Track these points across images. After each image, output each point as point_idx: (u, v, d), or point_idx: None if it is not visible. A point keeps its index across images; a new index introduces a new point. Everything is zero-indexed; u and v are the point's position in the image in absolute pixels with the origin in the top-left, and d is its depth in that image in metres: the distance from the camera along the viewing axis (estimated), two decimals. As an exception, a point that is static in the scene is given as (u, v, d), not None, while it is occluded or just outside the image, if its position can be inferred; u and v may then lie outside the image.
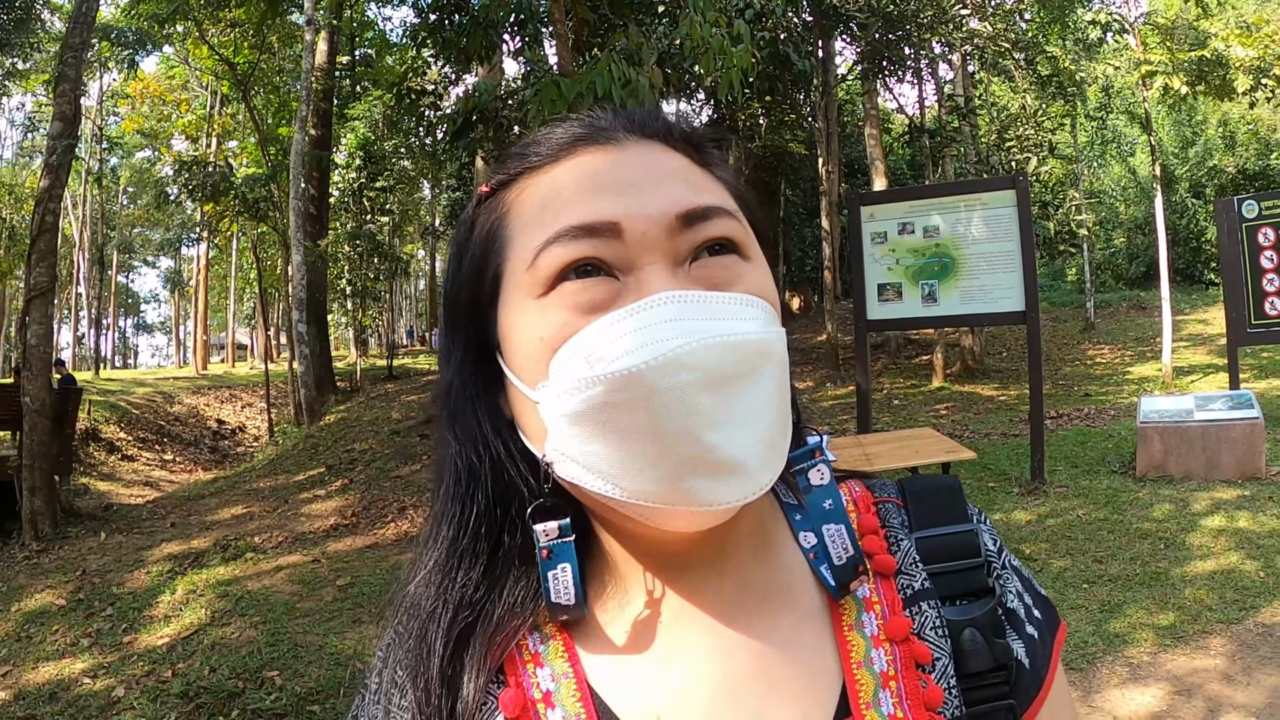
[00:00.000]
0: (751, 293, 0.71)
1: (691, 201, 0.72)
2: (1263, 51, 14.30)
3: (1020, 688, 0.77)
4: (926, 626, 0.77)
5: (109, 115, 42.81)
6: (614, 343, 0.65)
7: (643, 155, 0.75)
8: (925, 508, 0.85)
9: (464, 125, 10.64)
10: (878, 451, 6.93)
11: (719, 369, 0.64)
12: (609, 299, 0.69)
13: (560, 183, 0.74)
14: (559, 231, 0.70)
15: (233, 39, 23.17)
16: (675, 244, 0.70)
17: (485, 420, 0.78)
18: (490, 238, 0.77)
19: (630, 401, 0.64)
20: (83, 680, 5.74)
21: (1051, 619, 0.84)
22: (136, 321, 78.99)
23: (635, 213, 0.70)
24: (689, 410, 0.63)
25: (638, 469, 0.66)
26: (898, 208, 9.54)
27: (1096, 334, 24.55)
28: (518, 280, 0.72)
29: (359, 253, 22.90)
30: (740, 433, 0.65)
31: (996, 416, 15.14)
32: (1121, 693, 4.64)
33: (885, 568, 0.79)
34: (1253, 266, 10.76)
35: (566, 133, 0.78)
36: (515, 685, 0.75)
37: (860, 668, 0.74)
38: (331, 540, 9.04)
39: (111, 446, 21.78)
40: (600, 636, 0.77)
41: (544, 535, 0.74)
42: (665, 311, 0.66)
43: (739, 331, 0.66)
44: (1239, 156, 32.86)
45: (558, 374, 0.68)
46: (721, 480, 0.65)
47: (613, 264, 0.69)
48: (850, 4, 17.41)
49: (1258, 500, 7.60)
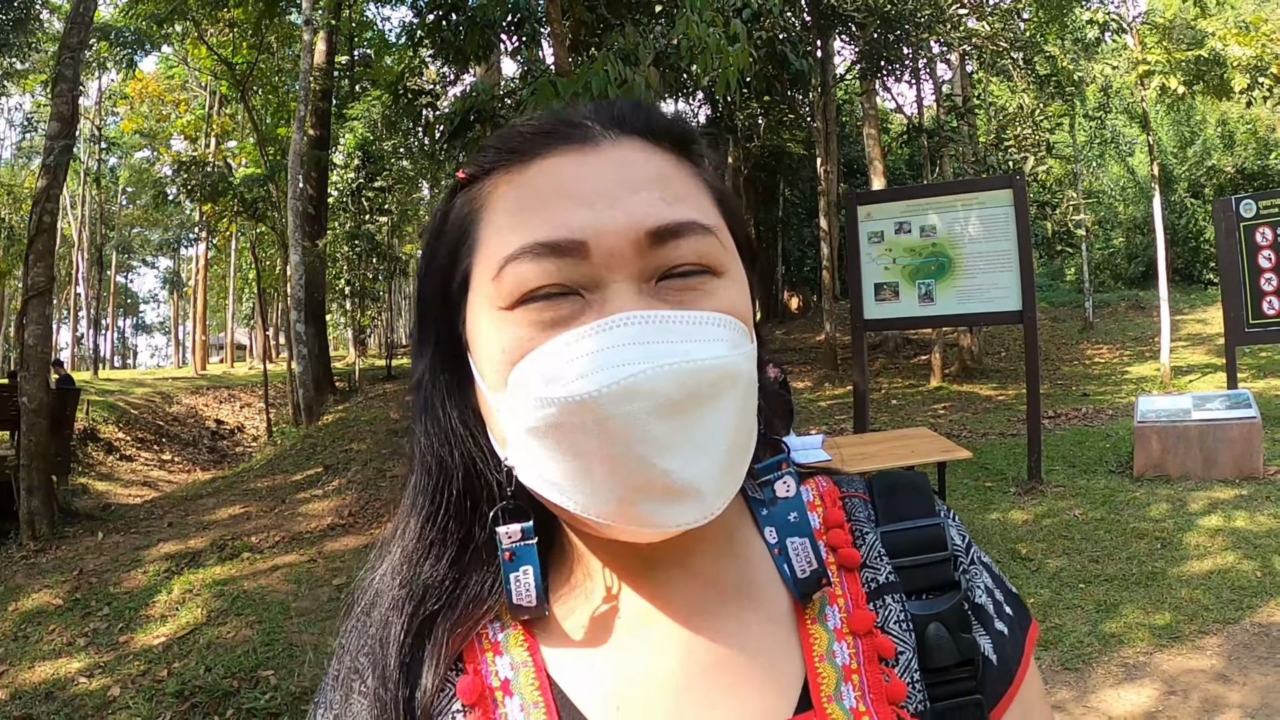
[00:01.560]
0: (721, 310, 0.70)
1: (664, 217, 0.70)
2: (1260, 50, 14.31)
3: (987, 684, 0.77)
4: (890, 620, 0.76)
5: (107, 115, 42.75)
6: (570, 363, 0.65)
7: (618, 158, 0.73)
8: (892, 502, 0.85)
9: (462, 125, 10.63)
10: (874, 451, 6.92)
11: (675, 396, 0.64)
12: (571, 316, 0.68)
13: (531, 187, 0.72)
14: (524, 247, 0.68)
15: (231, 39, 23.15)
16: (643, 261, 0.69)
17: (455, 415, 0.78)
18: (462, 234, 0.76)
19: (583, 425, 0.64)
20: (79, 680, 5.75)
21: (1023, 616, 0.84)
22: (135, 322, 78.87)
23: (603, 229, 0.68)
24: (641, 437, 0.63)
25: (590, 489, 0.66)
26: (895, 207, 9.55)
27: (1095, 334, 24.56)
28: (483, 287, 0.72)
29: (357, 253, 22.86)
30: (695, 459, 0.65)
31: (994, 416, 15.14)
32: (1117, 692, 4.64)
33: (850, 561, 0.80)
34: (1251, 266, 10.77)
35: (542, 128, 0.76)
36: (474, 673, 0.75)
37: (822, 661, 0.74)
38: (328, 540, 9.04)
39: (110, 446, 21.77)
40: (561, 630, 0.77)
41: (507, 538, 0.74)
42: (626, 334, 0.65)
43: (699, 356, 0.65)
44: (1237, 156, 32.92)
45: (515, 388, 0.68)
46: (674, 505, 0.65)
47: (577, 283, 0.68)
48: (848, 4, 17.41)
49: (1255, 500, 7.61)
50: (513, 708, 0.73)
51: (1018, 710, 0.79)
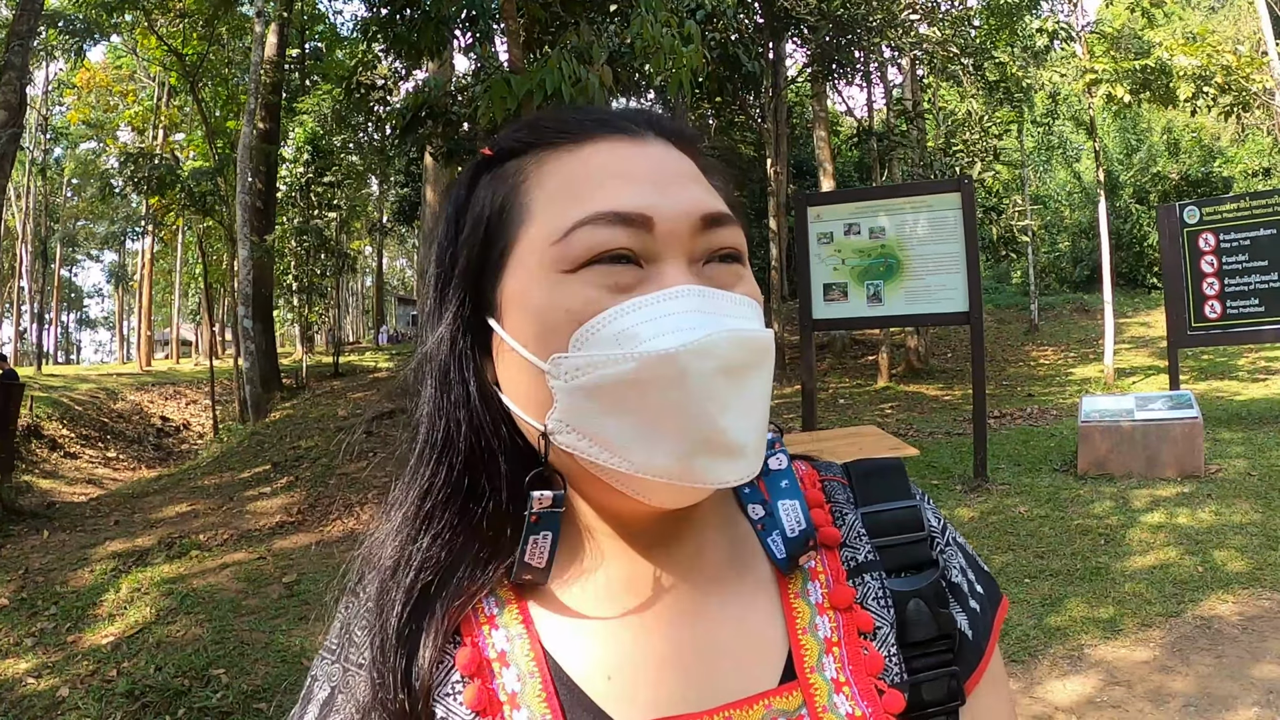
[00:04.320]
0: (749, 295, 0.77)
1: (713, 206, 0.76)
2: (1206, 61, 14.55)
3: (963, 657, 0.82)
4: (869, 597, 0.81)
5: (54, 105, 42.12)
6: (648, 324, 0.69)
7: (663, 153, 0.78)
8: (870, 485, 0.89)
9: (413, 121, 10.60)
10: (822, 448, 6.96)
11: (737, 358, 0.69)
12: (634, 283, 0.72)
13: (592, 164, 0.76)
14: (596, 214, 0.72)
15: (182, 30, 22.80)
16: (694, 243, 0.74)
17: (472, 381, 0.79)
18: (505, 205, 0.78)
19: (660, 380, 0.67)
20: (26, 680, 5.66)
21: (994, 593, 0.89)
22: (79, 316, 77.76)
23: (665, 208, 0.73)
24: (710, 394, 0.67)
25: (653, 444, 0.69)
26: (844, 209, 9.60)
27: (1040, 335, 24.85)
28: (540, 252, 0.74)
29: (306, 248, 22.63)
30: (744, 419, 0.70)
31: (940, 416, 15.30)
32: (1062, 684, 4.72)
33: (830, 539, 0.84)
34: (1193, 271, 11.00)
35: (592, 115, 0.81)
36: (471, 644, 0.77)
37: (805, 634, 0.78)
38: (277, 537, 8.97)
39: (54, 443, 21.39)
40: (555, 602, 0.79)
41: (538, 503, 0.76)
42: (689, 303, 0.70)
43: (750, 328, 0.71)
44: (1182, 163, 33.44)
45: (580, 347, 0.70)
46: (726, 462, 0.70)
47: (640, 253, 0.72)
48: (801, 7, 17.50)
49: (1196, 497, 7.74)
50: (510, 677, 0.75)
51: (988, 682, 0.84)
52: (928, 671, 0.79)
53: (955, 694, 0.80)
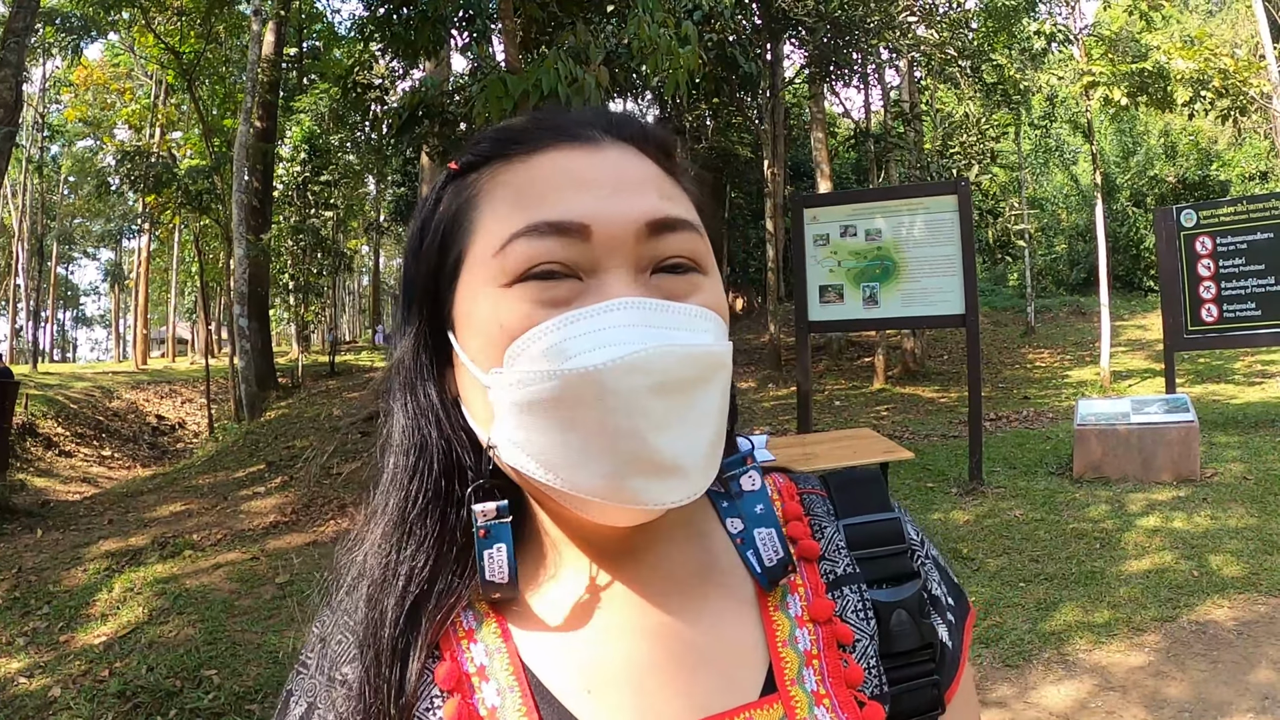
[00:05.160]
0: (706, 306, 0.74)
1: (661, 211, 0.74)
2: (1203, 65, 14.56)
3: (944, 667, 0.82)
4: (849, 610, 0.81)
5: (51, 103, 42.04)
6: (573, 340, 0.67)
7: (618, 158, 0.77)
8: (850, 497, 0.89)
9: (410, 120, 10.60)
10: (817, 451, 6.97)
11: (671, 376, 0.67)
12: (570, 297, 0.70)
13: (536, 175, 0.75)
14: (531, 225, 0.71)
15: (179, 27, 22.81)
16: (639, 251, 0.72)
17: (434, 394, 0.80)
18: (457, 217, 0.78)
19: (583, 399, 0.66)
20: (18, 680, 5.64)
21: (963, 605, 0.89)
22: (75, 314, 77.66)
23: (605, 215, 0.71)
24: (638, 412, 0.66)
25: (582, 463, 0.68)
26: (840, 211, 9.60)
27: (1036, 338, 24.84)
28: (483, 264, 0.74)
29: (302, 247, 22.66)
30: (684, 438, 0.68)
31: (936, 418, 15.29)
32: (1056, 689, 4.72)
33: (809, 553, 0.83)
34: (1190, 274, 11.01)
35: (546, 124, 0.79)
36: (450, 659, 0.76)
37: (785, 646, 0.77)
38: (271, 537, 8.95)
39: (49, 442, 21.38)
40: (532, 616, 0.79)
41: (481, 515, 0.76)
42: (625, 316, 0.68)
43: (692, 342, 0.69)
44: (1179, 166, 33.49)
45: (513, 363, 0.70)
46: (662, 482, 0.68)
47: (577, 264, 0.71)
48: (798, 8, 17.51)
49: (1192, 501, 7.75)
50: (489, 692, 0.75)
51: (962, 692, 0.85)
52: (911, 681, 0.80)
53: (936, 703, 0.81)
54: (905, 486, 9.22)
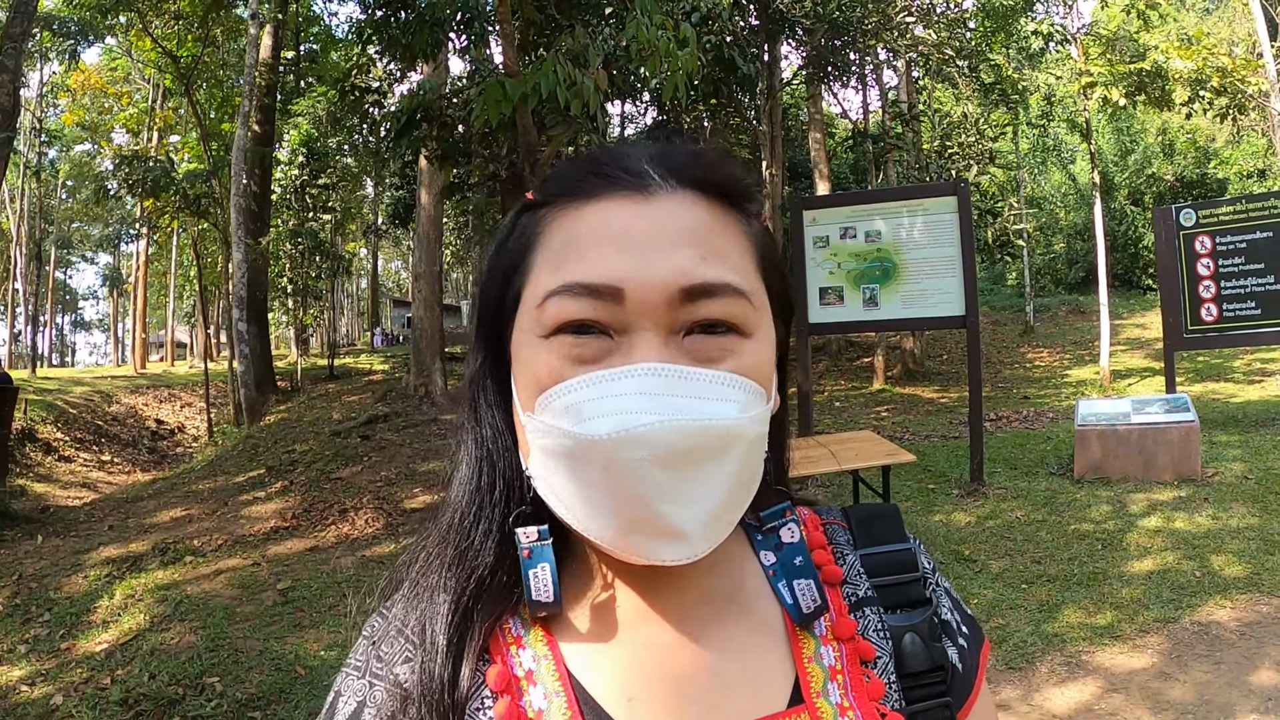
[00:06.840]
0: (741, 371, 0.74)
1: (698, 276, 0.73)
2: (1201, 64, 14.57)
3: (955, 689, 0.86)
4: (870, 629, 0.85)
5: (48, 107, 42.02)
6: (589, 403, 0.70)
7: (669, 211, 0.76)
8: (869, 530, 0.93)
9: (408, 123, 10.59)
10: (819, 454, 6.94)
11: (676, 449, 0.68)
12: (600, 355, 0.73)
13: (583, 228, 0.77)
14: (566, 285, 0.73)
15: (176, 31, 22.80)
16: (673, 315, 0.73)
17: (498, 417, 0.85)
18: (520, 256, 0.81)
19: (592, 462, 0.69)
20: (20, 688, 5.62)
21: (977, 635, 0.93)
22: (74, 319, 77.58)
23: (639, 279, 0.72)
24: (642, 481, 0.69)
25: (593, 514, 0.72)
26: (840, 212, 9.61)
27: (1036, 337, 24.88)
28: (529, 312, 0.77)
29: (301, 251, 22.68)
30: (688, 508, 0.71)
31: (936, 419, 15.30)
32: (1060, 691, 4.71)
33: (833, 577, 0.88)
34: (1189, 273, 11.01)
35: (602, 170, 0.80)
36: (501, 663, 0.80)
37: (811, 662, 0.81)
38: (272, 543, 8.93)
39: (48, 447, 21.37)
40: (574, 628, 0.82)
41: (524, 538, 0.80)
42: (644, 384, 0.70)
43: (710, 415, 0.70)
44: (1177, 165, 33.53)
45: (541, 412, 0.73)
46: (665, 544, 0.72)
47: (609, 324, 0.73)
48: (796, 9, 17.49)
49: (1193, 501, 7.75)
50: (536, 695, 0.78)
51: (977, 714, 0.88)
52: (924, 702, 0.83)
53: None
54: (906, 488, 9.21)
